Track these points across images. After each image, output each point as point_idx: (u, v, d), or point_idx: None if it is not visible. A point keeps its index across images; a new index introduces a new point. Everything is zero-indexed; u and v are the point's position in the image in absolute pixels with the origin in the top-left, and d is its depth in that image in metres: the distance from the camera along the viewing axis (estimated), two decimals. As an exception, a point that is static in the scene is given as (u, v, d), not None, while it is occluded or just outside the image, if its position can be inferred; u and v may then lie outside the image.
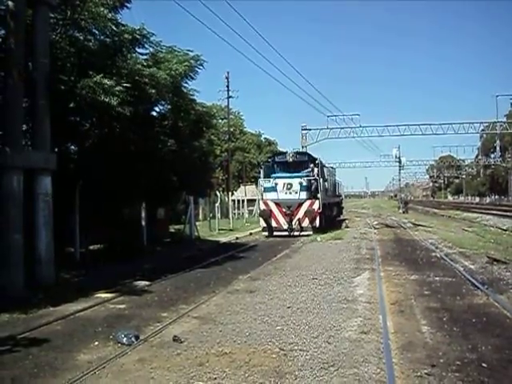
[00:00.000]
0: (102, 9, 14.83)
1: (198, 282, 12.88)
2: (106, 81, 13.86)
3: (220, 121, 51.72)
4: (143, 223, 20.15)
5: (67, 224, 15.47)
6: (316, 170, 28.37)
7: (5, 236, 11.59)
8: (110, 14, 15.35)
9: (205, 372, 6.12)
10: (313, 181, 27.88)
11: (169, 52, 18.79)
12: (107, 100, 13.82)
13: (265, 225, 28.01)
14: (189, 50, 19.38)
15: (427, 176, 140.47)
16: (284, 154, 30.93)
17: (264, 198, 28.46)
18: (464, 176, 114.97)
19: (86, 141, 17.58)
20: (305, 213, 26.82)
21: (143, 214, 20.13)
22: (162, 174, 19.09)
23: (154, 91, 16.84)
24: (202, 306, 10.08)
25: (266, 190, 28.50)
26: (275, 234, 27.12)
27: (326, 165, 35.53)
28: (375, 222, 37.49)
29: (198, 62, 19.41)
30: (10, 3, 11.75)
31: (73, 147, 18.39)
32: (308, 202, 27.01)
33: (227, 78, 48.55)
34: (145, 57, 18.12)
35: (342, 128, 48.23)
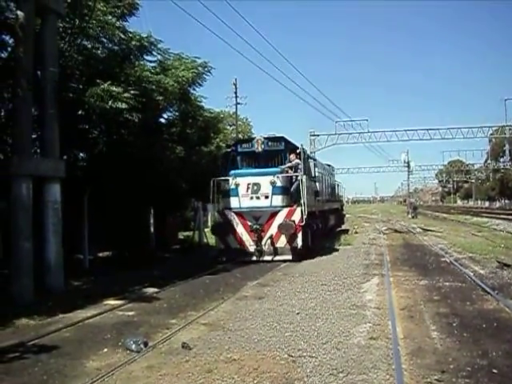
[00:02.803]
0: (109, 17, 14.96)
1: (207, 289, 12.87)
2: (113, 88, 13.93)
3: (228, 127, 51.77)
4: (152, 230, 20.18)
5: (76, 231, 15.53)
6: (297, 162, 19.27)
7: (15, 243, 11.67)
8: (117, 22, 15.47)
9: (213, 379, 6.10)
10: (293, 179, 19.18)
11: (176, 59, 18.88)
12: (115, 106, 13.90)
13: (221, 245, 19.18)
14: (196, 57, 19.49)
15: (436, 181, 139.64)
16: (250, 140, 21.09)
17: (220, 206, 20.11)
18: (473, 180, 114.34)
19: (94, 148, 17.65)
20: (279, 227, 18.04)
21: (152, 221, 20.17)
22: (170, 181, 19.17)
23: (161, 98, 16.96)
24: (210, 312, 10.07)
25: (224, 194, 19.94)
26: (237, 259, 18.20)
27: (318, 159, 27.72)
28: (384, 228, 37.38)
29: (206, 69, 19.51)
30: (19, 13, 11.84)
31: (81, 155, 18.49)
32: (285, 211, 18.28)
33: (235, 84, 48.62)
34: (153, 64, 18.24)
35: (351, 133, 47.90)
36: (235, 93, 48.44)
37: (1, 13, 13.19)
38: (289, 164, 19.46)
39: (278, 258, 18.21)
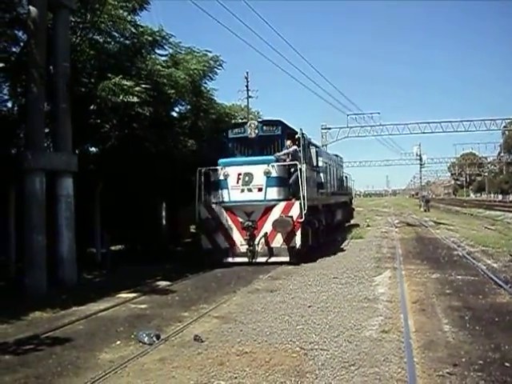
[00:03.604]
0: (121, 11, 14.98)
1: (219, 282, 12.93)
2: (125, 82, 13.98)
3: (240, 121, 51.78)
4: (164, 223, 20.26)
5: (89, 225, 15.62)
6: (295, 149, 16.84)
7: (28, 237, 11.77)
8: (129, 17, 15.51)
9: (225, 371, 6.13)
10: (291, 169, 16.71)
11: (188, 53, 18.86)
12: (126, 100, 13.94)
13: (208, 245, 16.59)
14: (207, 51, 19.45)
15: (449, 174, 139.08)
16: (242, 125, 18.73)
17: (207, 200, 17.44)
18: (486, 173, 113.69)
19: (106, 142, 17.72)
20: (274, 224, 15.76)
21: (164, 214, 20.24)
22: (182, 174, 19.19)
23: (173, 91, 16.98)
24: (222, 305, 10.12)
25: (211, 186, 17.29)
26: (226, 260, 16.26)
27: (322, 147, 24.98)
28: (396, 221, 37.28)
29: (217, 63, 19.49)
30: (31, 8, 11.91)
31: (93, 149, 18.57)
32: (281, 206, 15.97)
33: (246, 78, 48.46)
34: (164, 58, 18.23)
35: (362, 126, 47.86)
36: (246, 86, 48.29)
37: (13, 8, 13.26)
38: (285, 151, 16.89)
39: (273, 259, 15.88)
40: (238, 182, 16.29)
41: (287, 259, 15.69)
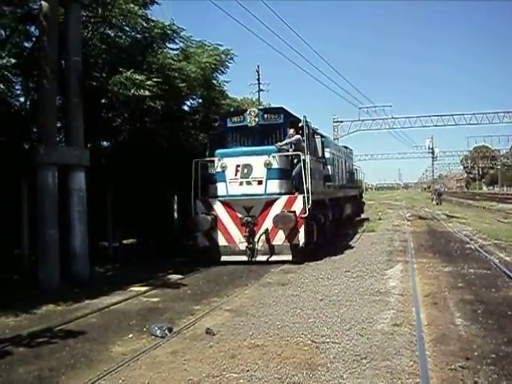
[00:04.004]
0: (132, 5, 15.06)
1: (231, 275, 12.96)
2: (136, 76, 14.03)
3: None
4: (176, 217, 20.30)
5: (101, 219, 15.70)
6: (298, 138, 15.58)
7: (41, 231, 11.87)
8: (140, 11, 15.57)
9: (237, 364, 6.15)
10: (294, 160, 15.65)
11: (199, 46, 18.90)
12: (138, 94, 13.99)
13: (205, 242, 15.55)
14: (219, 44, 19.47)
15: (461, 167, 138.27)
16: (242, 113, 17.18)
17: (204, 194, 16.01)
18: (499, 166, 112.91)
19: (118, 136, 17.80)
20: (275, 220, 14.54)
21: (175, 208, 20.27)
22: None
23: (184, 85, 17.00)
24: (234, 298, 10.15)
25: (208, 179, 16.46)
26: (224, 259, 15.10)
27: (330, 138, 23.34)
28: (408, 214, 37.13)
29: (228, 56, 19.51)
30: (42, 3, 11.96)
31: (105, 143, 18.66)
32: (283, 200, 14.79)
33: (258, 71, 48.33)
34: (175, 52, 18.29)
35: (374, 119, 47.84)
36: (258, 79, 48.15)
37: (25, 4, 13.33)
38: (287, 140, 15.68)
39: (274, 258, 14.73)
40: (236, 175, 15.16)
41: (290, 258, 14.55)
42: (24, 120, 14.85)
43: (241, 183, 15.15)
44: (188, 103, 20.55)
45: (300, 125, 15.80)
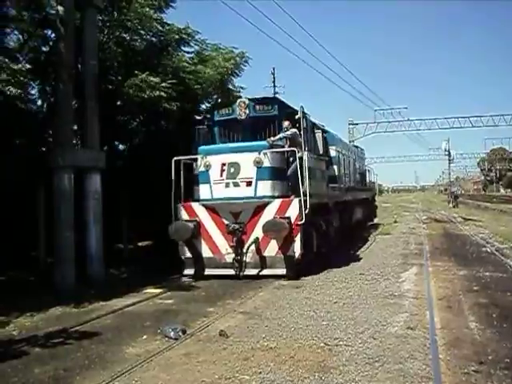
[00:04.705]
0: (147, 9, 15.15)
1: (245, 277, 12.95)
2: (152, 78, 14.14)
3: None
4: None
5: (116, 221, 15.81)
6: (294, 132, 13.49)
7: (57, 233, 12.01)
8: (155, 14, 15.67)
9: (250, 366, 6.17)
10: (290, 158, 13.38)
11: (214, 50, 18.93)
12: (153, 95, 14.09)
13: (187, 253, 13.53)
14: (234, 47, 19.48)
15: (478, 169, 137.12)
16: (230, 104, 15.01)
17: (186, 197, 13.92)
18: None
19: (133, 139, 17.91)
20: (265, 228, 12.44)
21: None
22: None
23: (199, 87, 17.07)
24: (248, 301, 10.18)
25: (191, 180, 14.10)
26: (208, 272, 13.17)
27: (337, 135, 20.72)
28: (424, 217, 36.94)
29: (244, 59, 19.47)
30: (59, 8, 12.11)
31: (121, 146, 18.78)
32: (276, 204, 12.79)
33: (273, 73, 48.46)
34: (190, 55, 18.34)
35: (390, 122, 47.51)
36: (273, 82, 48.29)
37: (42, 9, 13.49)
38: (281, 135, 13.50)
39: (265, 272, 12.70)
40: (221, 175, 13.10)
41: (283, 272, 12.52)
42: (41, 123, 15.02)
43: (227, 185, 13.08)
44: (204, 106, 20.61)
45: (297, 117, 13.68)
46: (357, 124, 47.80)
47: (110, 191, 13.65)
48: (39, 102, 15.61)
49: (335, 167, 18.19)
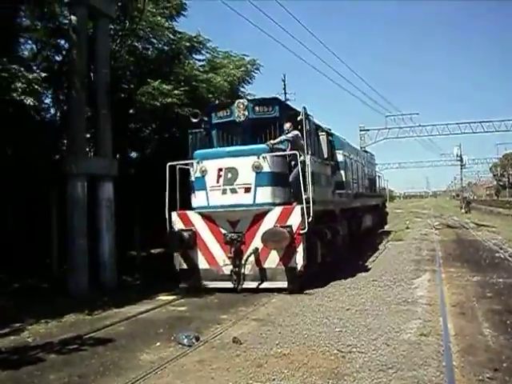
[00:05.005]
0: (159, 18, 15.33)
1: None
2: (164, 85, 14.25)
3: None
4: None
5: (129, 228, 15.88)
6: (295, 135, 12.56)
7: (70, 241, 12.11)
8: (167, 23, 15.83)
9: (263, 373, 6.18)
10: (292, 162, 12.60)
11: (225, 57, 19.06)
12: (165, 102, 14.18)
13: (182, 264, 12.73)
14: (245, 55, 19.62)
15: (491, 174, 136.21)
16: (228, 106, 13.99)
17: (181, 205, 13.04)
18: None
19: (146, 147, 18.02)
20: (264, 238, 11.63)
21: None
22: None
23: (211, 96, 17.17)
24: (260, 307, 10.19)
25: (186, 186, 13.25)
26: (205, 285, 12.35)
27: (346, 140, 19.59)
28: (436, 223, 36.77)
29: (255, 67, 19.60)
30: (72, 17, 12.25)
31: (133, 153, 18.90)
32: (276, 212, 11.92)
33: (283, 80, 48.46)
34: (202, 63, 18.51)
35: (401, 127, 47.28)
36: (284, 89, 48.30)
37: (56, 19, 13.67)
38: (282, 137, 12.66)
39: (266, 285, 11.83)
40: (218, 181, 12.26)
41: (285, 285, 11.65)
42: (54, 131, 15.16)
43: (224, 191, 12.22)
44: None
45: (299, 118, 12.71)
46: (368, 130, 47.64)
47: (122, 199, 13.73)
48: (52, 111, 15.79)
49: (342, 172, 17.18)
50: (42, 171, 13.50)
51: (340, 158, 17.08)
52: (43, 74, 11.22)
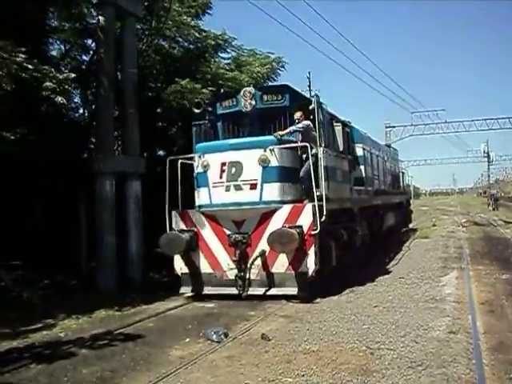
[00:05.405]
0: (185, 17, 15.42)
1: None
2: (193, 84, 14.35)
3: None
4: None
5: (157, 225, 16.00)
6: (307, 125, 11.42)
7: (99, 238, 12.29)
8: (192, 22, 15.92)
9: (292, 369, 6.22)
10: (302, 154, 11.41)
11: (250, 55, 19.05)
12: (196, 99, 14.27)
13: (183, 269, 11.66)
14: (270, 52, 19.58)
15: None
16: (234, 95, 12.89)
17: (183, 203, 12.01)
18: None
19: (173, 145, 18.14)
20: (270, 240, 10.47)
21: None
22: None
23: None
24: (288, 304, 10.19)
25: (188, 183, 12.08)
26: (207, 291, 11.28)
27: (365, 132, 17.71)
28: (463, 220, 36.36)
29: (280, 64, 19.54)
30: (100, 18, 12.40)
31: (161, 152, 19.04)
32: (285, 211, 10.77)
33: (308, 78, 48.26)
34: (227, 61, 18.53)
35: (427, 124, 46.83)
36: (309, 86, 48.00)
37: (83, 19, 13.86)
38: (292, 128, 11.48)
39: (274, 291, 10.68)
40: (221, 177, 11.13)
41: (295, 292, 10.49)
42: (82, 130, 15.37)
43: (227, 188, 11.10)
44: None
45: (311, 107, 11.39)
46: (394, 127, 47.31)
47: (150, 196, 13.85)
48: (81, 110, 16.02)
49: (362, 168, 15.79)
50: (71, 170, 13.69)
51: (359, 152, 15.77)
52: (72, 75, 11.37)
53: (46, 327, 8.97)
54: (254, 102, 12.28)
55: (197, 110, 12.93)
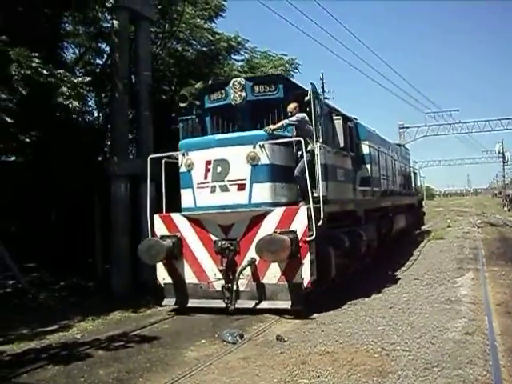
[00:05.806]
0: (198, 20, 15.50)
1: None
2: None
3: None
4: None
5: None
6: (301, 118, 10.19)
7: (114, 239, 12.38)
8: (205, 25, 16.00)
9: (308, 370, 6.22)
10: (295, 149, 10.30)
11: (263, 57, 19.11)
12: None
13: (166, 279, 10.50)
14: (283, 54, 19.64)
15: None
16: (223, 86, 11.57)
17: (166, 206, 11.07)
18: None
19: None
20: (259, 247, 9.17)
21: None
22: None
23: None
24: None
25: (171, 183, 10.92)
26: (192, 304, 10.08)
27: (367, 127, 15.46)
28: (478, 221, 36.13)
29: (293, 66, 19.61)
30: (114, 22, 12.50)
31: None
32: (277, 214, 9.54)
33: (322, 79, 48.22)
34: (240, 63, 18.60)
35: (441, 125, 46.64)
36: (322, 87, 48.00)
37: (97, 23, 13.98)
38: (285, 121, 10.24)
39: (264, 304, 9.51)
40: (206, 177, 10.00)
41: (288, 305, 9.28)
42: (97, 133, 15.48)
43: (213, 189, 9.95)
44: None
45: (306, 99, 10.27)
46: (407, 127, 47.18)
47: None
48: (95, 113, 16.13)
49: (368, 166, 14.41)
50: (86, 173, 13.79)
51: (365, 149, 14.38)
52: (87, 78, 11.46)
53: (62, 329, 9.06)
54: (244, 94, 11.05)
55: (182, 104, 12.14)
